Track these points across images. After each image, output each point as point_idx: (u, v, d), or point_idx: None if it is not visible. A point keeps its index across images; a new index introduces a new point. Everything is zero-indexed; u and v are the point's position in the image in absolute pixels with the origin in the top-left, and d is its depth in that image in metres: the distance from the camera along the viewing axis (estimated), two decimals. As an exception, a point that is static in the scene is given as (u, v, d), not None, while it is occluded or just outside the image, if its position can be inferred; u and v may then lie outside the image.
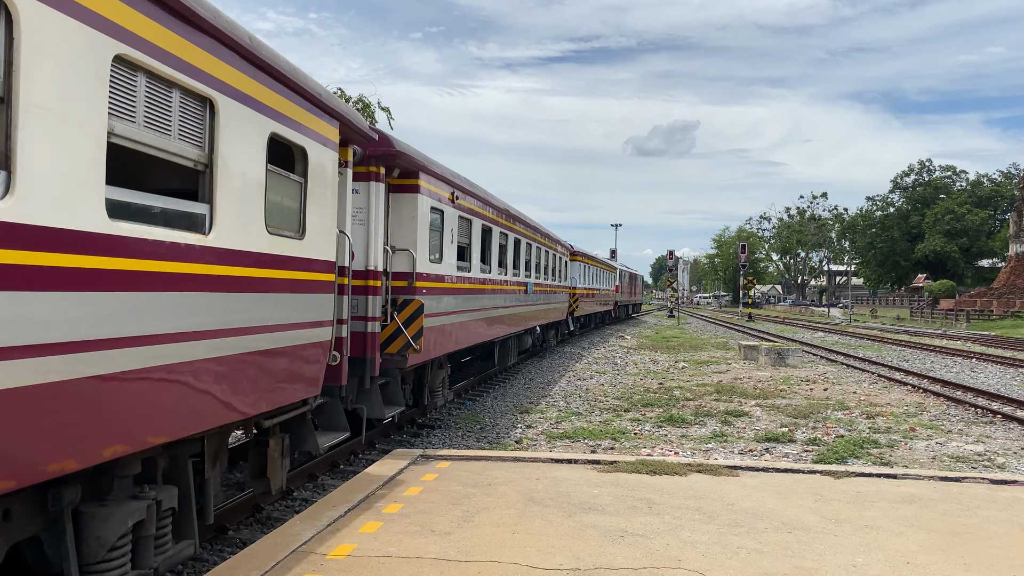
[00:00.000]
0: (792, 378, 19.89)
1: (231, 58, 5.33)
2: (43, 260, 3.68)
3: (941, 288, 79.92)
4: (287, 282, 6.21)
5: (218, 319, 5.19)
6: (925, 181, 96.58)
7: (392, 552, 5.62)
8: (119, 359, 4.19)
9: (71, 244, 3.85)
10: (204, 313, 5.02)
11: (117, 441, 4.28)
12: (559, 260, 26.00)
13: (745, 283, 64.87)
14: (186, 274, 4.79)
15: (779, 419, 13.75)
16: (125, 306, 4.25)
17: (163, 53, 4.56)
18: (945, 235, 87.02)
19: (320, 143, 6.83)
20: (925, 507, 7.13)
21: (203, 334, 5.00)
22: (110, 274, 4.13)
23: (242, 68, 5.49)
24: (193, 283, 4.87)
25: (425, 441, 11.59)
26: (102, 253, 4.06)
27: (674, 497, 7.28)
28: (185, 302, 4.80)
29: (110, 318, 4.12)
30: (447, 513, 6.60)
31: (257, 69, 5.71)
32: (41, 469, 3.78)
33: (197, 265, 4.92)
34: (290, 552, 5.55)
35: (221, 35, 5.14)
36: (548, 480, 7.84)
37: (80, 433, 3.99)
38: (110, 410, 4.18)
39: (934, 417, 14.39)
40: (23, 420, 3.61)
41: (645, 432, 12.51)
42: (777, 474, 8.35)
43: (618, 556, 5.64)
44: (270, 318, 5.91)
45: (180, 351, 4.74)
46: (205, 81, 5.00)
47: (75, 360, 3.88)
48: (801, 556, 5.73)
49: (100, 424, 4.13)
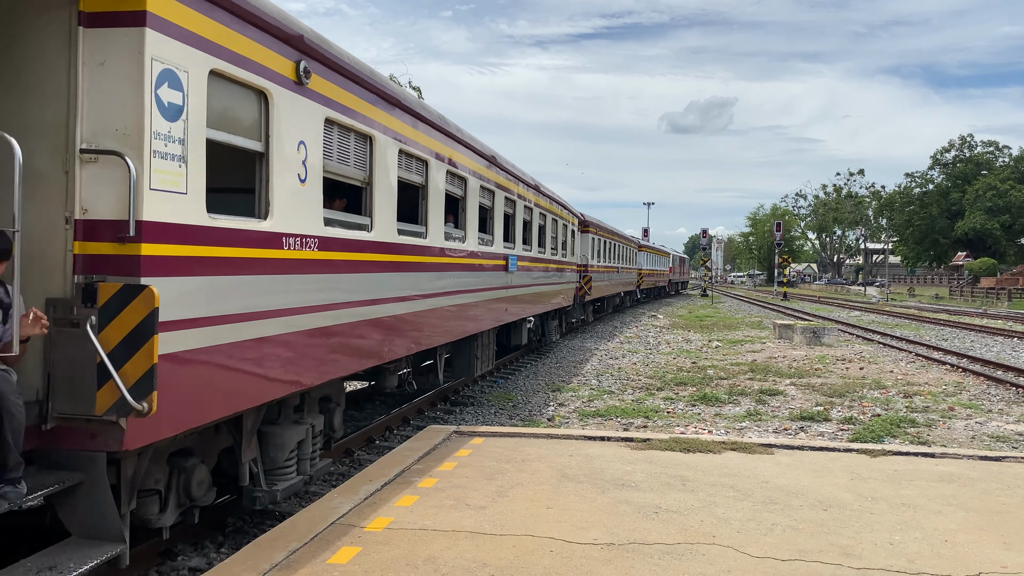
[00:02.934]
0: (827, 357, 19.69)
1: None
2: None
3: (982, 266, 78.32)
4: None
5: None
6: (966, 157, 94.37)
7: (428, 525, 5.70)
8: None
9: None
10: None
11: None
12: (629, 250, 38.31)
13: (780, 261, 64.15)
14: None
15: (814, 398, 13.64)
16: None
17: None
18: (986, 212, 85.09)
19: None
20: (964, 486, 7.05)
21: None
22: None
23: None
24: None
25: (458, 418, 11.69)
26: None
27: (708, 474, 7.27)
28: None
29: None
30: (482, 488, 6.67)
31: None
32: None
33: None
34: (329, 524, 5.65)
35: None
36: (581, 457, 7.87)
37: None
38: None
39: (973, 396, 14.17)
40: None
41: (678, 411, 12.49)
42: (812, 452, 8.30)
43: (652, 531, 5.66)
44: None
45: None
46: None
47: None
48: (837, 533, 5.71)
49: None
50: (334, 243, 6.73)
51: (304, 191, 6.23)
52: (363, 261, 7.38)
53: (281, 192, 5.86)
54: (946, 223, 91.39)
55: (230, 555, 5.31)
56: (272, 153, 5.75)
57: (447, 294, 10.17)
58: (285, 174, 5.93)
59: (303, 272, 6.19)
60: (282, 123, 5.86)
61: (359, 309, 7.30)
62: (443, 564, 4.99)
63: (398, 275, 8.33)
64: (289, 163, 5.98)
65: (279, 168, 5.83)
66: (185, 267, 4.80)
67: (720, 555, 5.23)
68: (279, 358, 5.89)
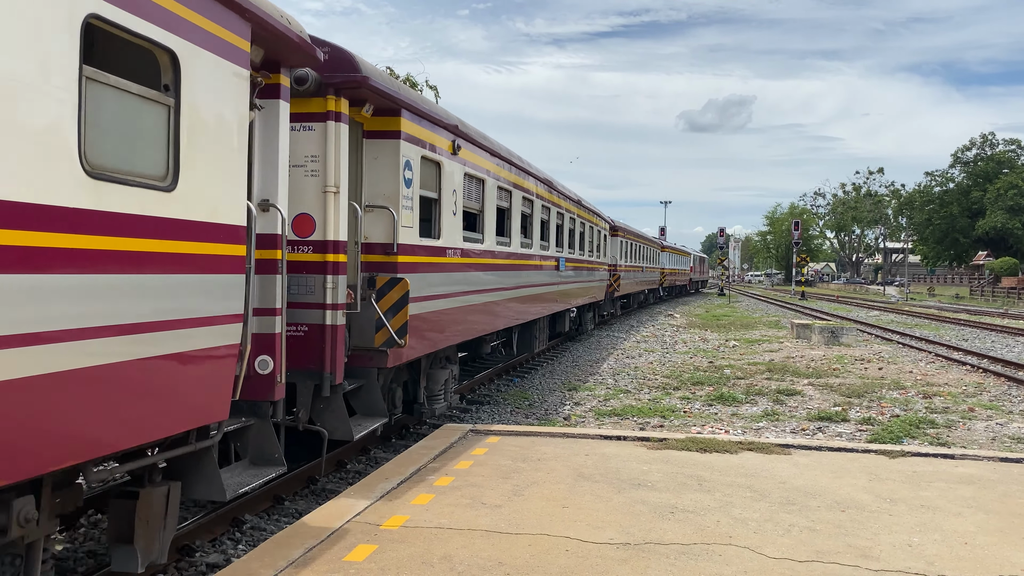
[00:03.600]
0: (846, 357, 19.55)
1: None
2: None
3: (1003, 266, 77.41)
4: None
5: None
6: (987, 155, 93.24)
7: (444, 524, 5.72)
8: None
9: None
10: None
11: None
12: (652, 251, 40.72)
13: (798, 260, 63.71)
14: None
15: (832, 398, 13.55)
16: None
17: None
18: (1008, 211, 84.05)
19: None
20: (984, 488, 6.98)
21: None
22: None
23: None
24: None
25: (474, 417, 11.71)
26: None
27: (724, 474, 7.24)
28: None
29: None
30: (497, 487, 6.67)
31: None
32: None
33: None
34: (345, 522, 5.68)
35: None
36: (597, 456, 7.86)
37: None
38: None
39: (994, 397, 14.03)
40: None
41: (695, 410, 12.44)
42: (830, 453, 8.25)
43: (668, 531, 5.65)
44: None
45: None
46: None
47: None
48: (855, 535, 5.67)
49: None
50: (468, 252, 10.46)
51: (455, 219, 9.84)
52: (478, 264, 11.01)
53: (445, 221, 9.45)
54: (967, 222, 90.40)
55: (248, 552, 5.35)
56: (441, 198, 9.34)
57: (520, 287, 13.75)
58: (447, 210, 9.52)
59: (454, 271, 9.88)
60: (445, 179, 9.46)
61: (475, 295, 10.89)
62: (459, 563, 5.00)
63: (496, 273, 12.02)
64: (448, 203, 9.56)
65: (444, 207, 9.42)
66: (416, 268, 8.46)
67: (736, 556, 5.21)
68: (443, 322, 9.53)
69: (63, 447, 3.72)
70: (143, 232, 4.11)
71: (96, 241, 3.78)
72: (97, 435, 3.92)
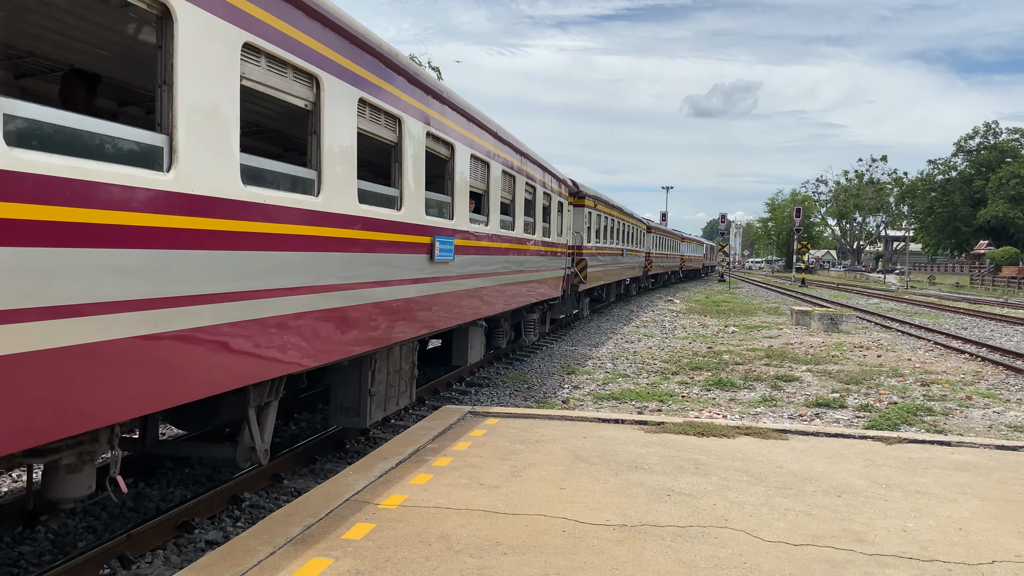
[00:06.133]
0: (845, 344, 19.58)
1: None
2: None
3: (1004, 255, 77.38)
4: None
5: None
6: (991, 144, 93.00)
7: (442, 503, 5.75)
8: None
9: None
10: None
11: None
12: (674, 243, 53.93)
13: (799, 247, 63.67)
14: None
15: (830, 385, 13.59)
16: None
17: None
18: (1009, 200, 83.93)
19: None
20: (980, 475, 7.01)
21: None
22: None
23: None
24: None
25: (473, 399, 11.74)
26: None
27: (721, 459, 7.28)
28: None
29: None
30: (495, 468, 6.71)
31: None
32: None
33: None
34: (343, 501, 5.71)
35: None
36: (595, 439, 7.89)
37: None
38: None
39: (992, 386, 14.07)
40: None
41: (693, 395, 12.48)
42: (827, 438, 8.28)
43: (664, 514, 5.68)
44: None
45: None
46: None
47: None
48: (850, 519, 5.70)
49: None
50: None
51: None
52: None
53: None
54: (968, 211, 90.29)
55: (246, 529, 5.39)
56: None
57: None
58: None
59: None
60: None
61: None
62: (456, 541, 5.03)
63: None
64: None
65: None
66: (588, 253, 20.94)
67: (732, 538, 5.24)
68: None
69: None
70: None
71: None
72: None
